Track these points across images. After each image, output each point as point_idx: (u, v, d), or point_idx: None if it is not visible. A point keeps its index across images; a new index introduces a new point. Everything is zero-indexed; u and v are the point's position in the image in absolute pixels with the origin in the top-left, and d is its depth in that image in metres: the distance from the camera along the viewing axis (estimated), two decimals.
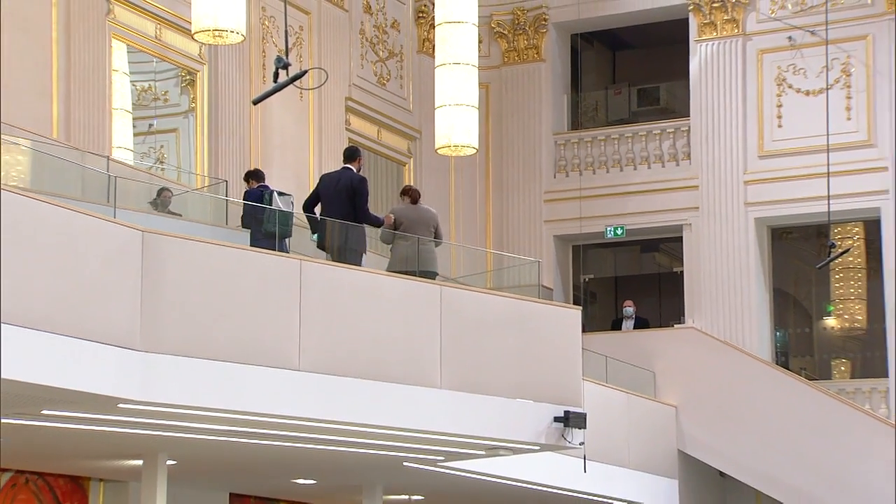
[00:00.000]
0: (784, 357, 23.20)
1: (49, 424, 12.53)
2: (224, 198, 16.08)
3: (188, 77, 18.99)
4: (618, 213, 23.37)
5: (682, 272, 23.15)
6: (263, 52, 19.49)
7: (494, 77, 23.93)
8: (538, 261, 20.36)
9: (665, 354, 21.56)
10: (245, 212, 15.56)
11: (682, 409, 21.06)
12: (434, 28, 18.77)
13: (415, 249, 15.40)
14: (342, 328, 13.47)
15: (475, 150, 18.45)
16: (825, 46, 21.24)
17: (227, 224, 15.89)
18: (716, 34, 22.92)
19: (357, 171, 15.16)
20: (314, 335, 13.19)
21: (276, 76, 13.02)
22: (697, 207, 22.84)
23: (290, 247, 14.96)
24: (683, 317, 22.82)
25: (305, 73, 13.68)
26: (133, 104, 18.46)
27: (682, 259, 23.18)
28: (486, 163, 23.97)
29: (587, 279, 24.83)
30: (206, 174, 18.39)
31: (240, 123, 19.22)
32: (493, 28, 24.07)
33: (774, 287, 22.98)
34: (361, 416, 13.52)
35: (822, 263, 21.42)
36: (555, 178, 24.01)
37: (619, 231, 23.35)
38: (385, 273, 14.62)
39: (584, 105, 25.15)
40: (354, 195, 15.16)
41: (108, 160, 16.23)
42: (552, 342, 15.27)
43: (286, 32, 14.54)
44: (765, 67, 22.63)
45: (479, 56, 18.56)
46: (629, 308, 22.81)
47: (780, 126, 22.43)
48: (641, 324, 22.74)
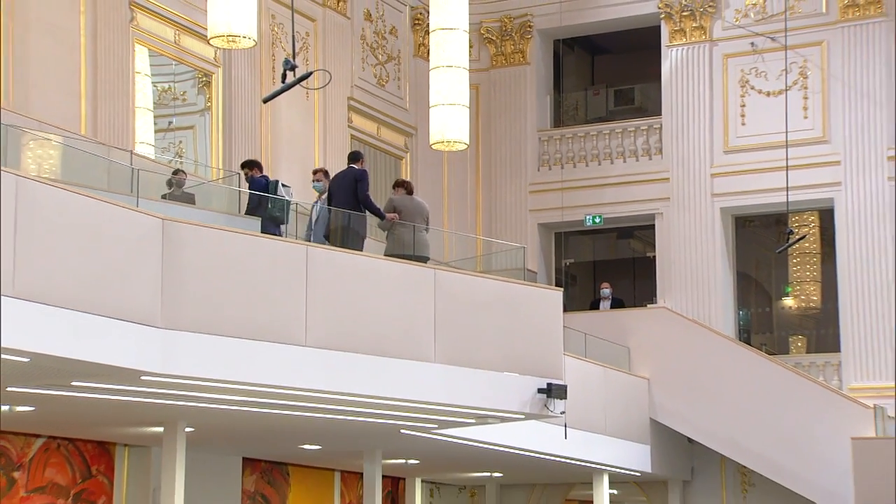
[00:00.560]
0: (746, 334, 23.24)
1: (78, 395, 12.54)
2: (237, 188, 16.04)
3: (204, 79, 18.97)
4: (596, 203, 23.37)
5: (655, 257, 23.17)
6: (273, 56, 19.47)
7: (484, 79, 23.92)
8: (523, 247, 20.40)
9: (638, 332, 21.58)
10: (257, 198, 15.59)
11: (654, 382, 21.09)
12: (429, 34, 18.76)
13: (411, 236, 15.42)
14: (344, 308, 13.49)
15: (466, 146, 18.44)
16: (784, 52, 21.25)
17: (240, 213, 15.88)
18: (685, 40, 22.92)
19: None
20: (319, 314, 13.20)
21: (284, 77, 13.02)
22: (668, 198, 22.85)
23: (287, 232, 15.09)
24: (655, 297, 22.84)
25: (311, 75, 13.68)
26: (154, 103, 18.44)
27: (655, 245, 23.19)
28: (476, 157, 23.97)
29: (568, 263, 24.84)
30: (221, 167, 18.38)
31: (251, 121, 19.21)
32: (483, 34, 24.06)
33: (738, 270, 23.01)
34: (362, 388, 13.54)
35: (781, 249, 21.47)
36: (539, 171, 24.02)
37: (598, 219, 23.36)
38: (384, 257, 14.66)
39: (566, 104, 25.14)
40: (356, 185, 15.25)
41: (132, 154, 16.23)
42: (536, 321, 15.30)
43: (293, 38, 14.56)
44: (730, 70, 22.63)
45: (470, 60, 18.53)
46: (606, 289, 22.84)
47: (744, 124, 22.44)
48: (617, 304, 22.77)
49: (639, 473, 20.80)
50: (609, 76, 25.67)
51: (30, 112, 15.21)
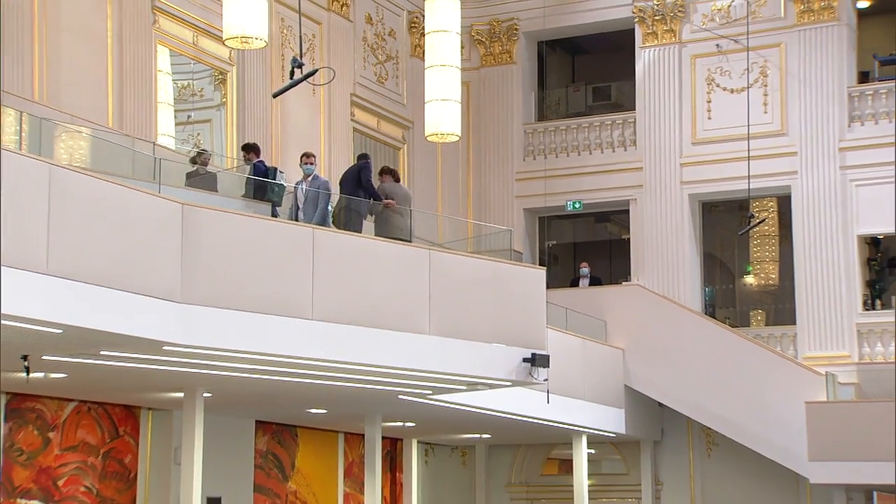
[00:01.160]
0: (712, 308, 23.26)
1: (106, 363, 12.56)
2: (251, 176, 16.02)
3: (220, 76, 18.93)
4: (576, 190, 23.36)
5: (629, 239, 23.15)
6: (282, 56, 19.44)
7: (474, 77, 23.88)
8: (510, 229, 20.44)
9: (614, 307, 21.60)
10: (257, 182, 15.61)
11: (628, 352, 21.13)
12: (424, 36, 18.75)
13: (399, 219, 15.44)
14: (347, 284, 13.50)
15: (458, 138, 18.45)
16: (746, 52, 21.23)
17: (247, 195, 15.86)
18: (657, 42, 22.90)
19: None
20: (324, 290, 13.21)
21: (293, 74, 13.03)
22: (641, 185, 22.84)
23: (281, 214, 15.12)
24: (630, 276, 22.82)
25: (316, 72, 13.71)
26: (174, 99, 18.40)
27: (629, 228, 23.17)
28: (467, 148, 23.94)
29: (550, 245, 24.83)
30: (235, 157, 18.33)
31: (263, 115, 19.19)
32: (473, 36, 24.02)
33: (704, 251, 23.02)
34: (363, 357, 13.56)
35: (743, 231, 21.50)
36: (524, 161, 24.00)
37: (577, 205, 23.34)
38: (383, 239, 14.65)
39: (549, 100, 25.11)
40: (360, 172, 15.30)
41: (154, 145, 16.21)
42: (521, 297, 15.31)
43: (301, 39, 14.55)
44: (697, 70, 22.61)
45: (462, 59, 18.53)
46: (585, 269, 22.84)
47: (710, 118, 22.42)
48: (595, 282, 22.76)
49: (614, 435, 20.85)
50: (588, 74, 25.64)
51: (61, 106, 15.19)
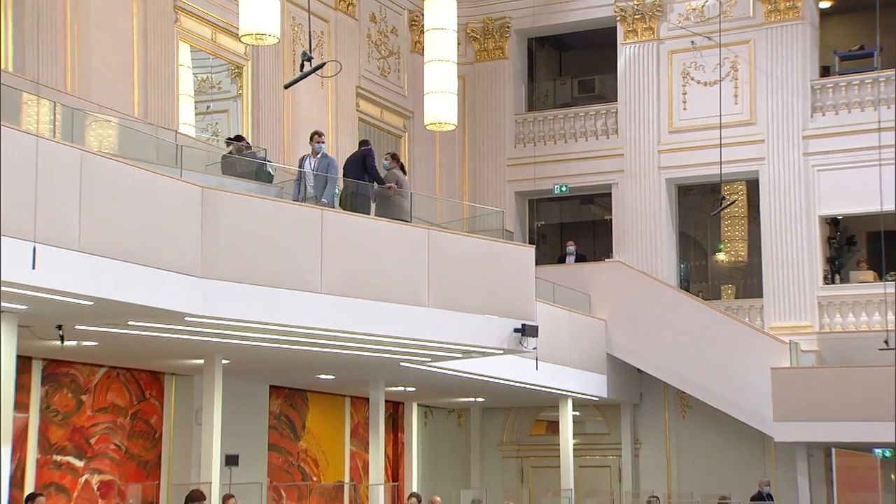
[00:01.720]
0: (686, 283, 23.28)
1: (133, 332, 12.60)
2: (264, 160, 16.02)
3: (236, 70, 18.90)
4: (563, 175, 23.33)
5: (611, 219, 23.13)
6: (293, 51, 19.39)
7: (469, 71, 23.83)
8: (502, 211, 20.39)
9: (597, 281, 21.63)
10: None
11: (610, 323, 21.17)
12: (423, 33, 18.67)
13: (401, 201, 15.42)
14: (353, 261, 13.52)
15: (454, 126, 18.37)
16: (719, 49, 21.19)
17: (265, 181, 15.86)
18: (637, 39, 22.85)
19: None
20: (332, 266, 13.24)
21: (303, 67, 13.03)
22: (623, 170, 22.82)
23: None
24: (612, 253, 22.81)
25: (324, 65, 13.69)
26: (194, 91, 18.35)
27: (611, 209, 23.17)
28: (463, 136, 23.90)
29: (539, 225, 24.82)
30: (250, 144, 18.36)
31: (275, 105, 19.16)
32: (469, 33, 23.95)
33: (679, 230, 23.01)
34: (368, 328, 13.59)
35: (715, 212, 21.48)
36: (515, 148, 23.96)
37: (564, 188, 23.32)
38: (386, 220, 14.65)
39: (538, 92, 25.06)
40: (364, 159, 15.28)
41: (176, 133, 16.18)
42: (512, 272, 15.33)
43: (310, 36, 14.53)
44: (673, 64, 22.56)
45: (458, 55, 18.44)
46: (571, 247, 22.85)
47: (685, 108, 22.38)
48: (580, 259, 22.74)
49: (597, 398, 20.89)
50: (574, 69, 25.58)
51: (91, 98, 15.17)
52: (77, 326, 12.19)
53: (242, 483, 15.27)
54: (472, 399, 21.43)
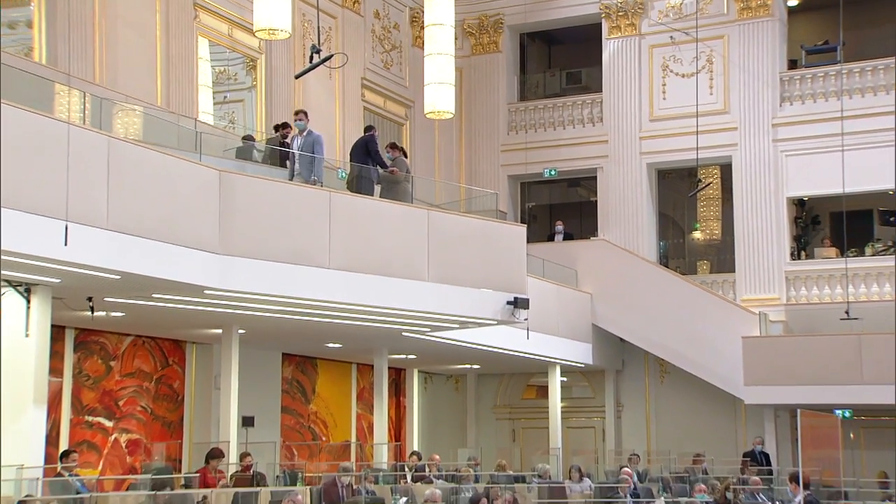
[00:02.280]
0: (665, 259, 23.29)
1: (157, 304, 12.63)
2: (277, 147, 16.00)
3: (251, 62, 18.86)
4: (552, 160, 23.32)
5: (596, 201, 23.13)
6: (303, 45, 19.35)
7: (466, 63, 23.78)
8: (496, 193, 20.38)
9: (584, 258, 21.64)
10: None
11: (596, 296, 21.19)
12: (423, 29, 18.63)
13: (406, 186, 15.44)
14: (359, 239, 13.54)
15: (452, 115, 18.36)
16: (695, 43, 21.12)
17: (279, 165, 15.86)
18: (620, 34, 22.79)
19: None
20: (339, 244, 13.26)
21: (312, 59, 13.00)
22: (607, 156, 22.79)
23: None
24: (597, 232, 22.82)
25: (332, 57, 13.70)
26: (212, 82, 18.34)
27: (597, 191, 23.17)
28: (460, 124, 23.87)
29: (530, 206, 24.80)
30: (264, 131, 18.32)
31: (287, 95, 19.14)
32: (465, 29, 23.89)
33: (659, 211, 23.01)
34: (372, 300, 13.62)
35: (692, 194, 21.42)
36: (508, 135, 23.93)
37: (553, 172, 23.29)
38: (389, 201, 14.66)
39: (529, 84, 25.00)
40: (367, 144, 15.26)
41: (196, 121, 16.18)
42: (505, 249, 15.35)
43: (319, 31, 14.51)
44: (654, 58, 22.51)
45: (455, 49, 18.43)
46: (559, 226, 22.85)
47: (665, 99, 22.34)
48: (568, 237, 22.73)
49: (583, 365, 20.93)
50: (562, 61, 25.53)
51: (117, 88, 15.16)
52: (106, 298, 12.23)
53: (258, 442, 15.33)
54: (468, 366, 21.49)
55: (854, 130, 20.21)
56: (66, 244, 9.98)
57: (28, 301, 10.93)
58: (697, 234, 24.11)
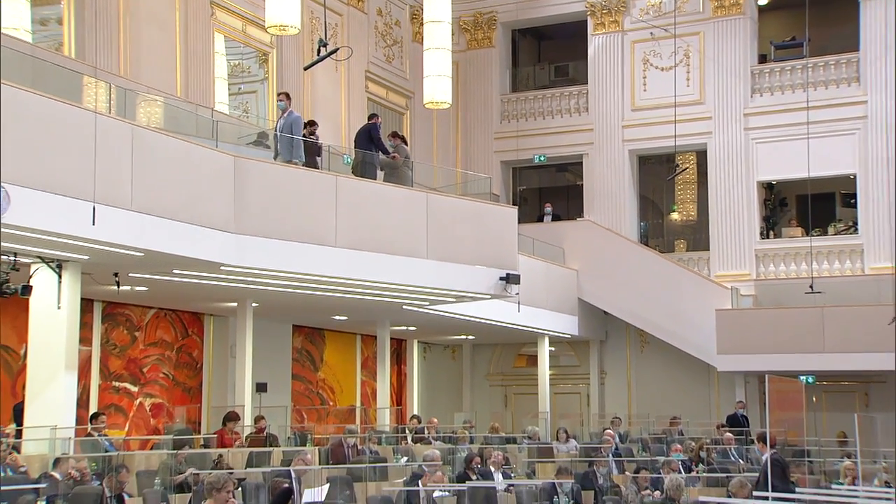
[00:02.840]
0: (645, 238, 23.31)
1: (177, 280, 12.69)
2: (289, 135, 15.99)
3: (263, 56, 18.83)
4: (541, 146, 23.30)
5: (582, 184, 23.17)
6: (312, 41, 19.23)
7: (462, 57, 23.72)
8: (490, 177, 20.43)
9: (570, 237, 21.68)
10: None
11: (581, 272, 21.24)
12: (423, 25, 18.60)
13: (406, 171, 15.44)
14: (363, 219, 13.58)
15: (449, 105, 18.33)
16: (674, 39, 21.13)
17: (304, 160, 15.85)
18: (604, 30, 22.75)
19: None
20: (345, 224, 13.30)
21: (319, 52, 13.01)
22: (592, 143, 22.79)
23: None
24: (583, 213, 22.88)
25: (338, 50, 13.68)
26: (228, 74, 18.31)
27: (583, 176, 23.20)
28: (457, 113, 23.83)
29: (521, 189, 24.83)
30: (275, 119, 18.33)
31: (296, 87, 19.12)
32: (461, 25, 23.84)
33: (640, 194, 23.04)
34: (375, 276, 13.68)
35: (670, 178, 21.52)
36: (501, 124, 23.92)
37: (542, 158, 23.29)
38: (391, 185, 14.69)
39: (520, 76, 24.96)
40: (371, 132, 15.26)
41: (212, 111, 16.18)
42: (498, 229, 15.40)
43: (326, 27, 14.50)
44: (636, 52, 22.47)
45: (452, 44, 18.40)
46: (548, 208, 22.85)
47: (645, 90, 22.33)
48: (556, 218, 22.72)
49: (569, 336, 20.98)
50: (551, 56, 25.48)
51: (140, 80, 15.16)
52: (130, 274, 12.28)
53: (270, 406, 15.40)
54: (464, 337, 21.57)
55: (819, 120, 20.24)
56: (94, 224, 10.03)
57: (59, 276, 10.98)
58: (675, 215, 24.15)
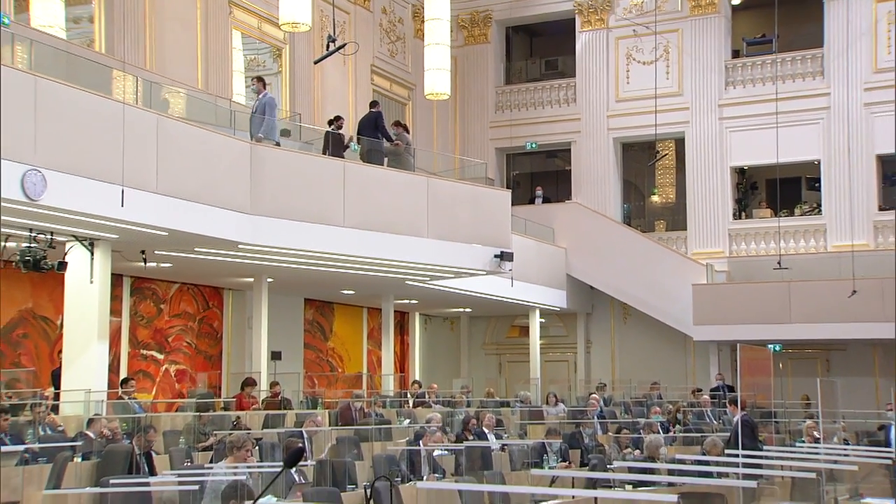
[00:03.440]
0: (628, 219, 23.36)
1: (198, 257, 12.73)
2: (299, 124, 16.02)
3: (277, 52, 18.81)
4: (533, 134, 23.31)
5: (570, 169, 23.19)
6: (322, 37, 19.23)
7: (460, 52, 23.68)
8: (485, 163, 20.41)
9: (559, 218, 21.70)
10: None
11: (570, 250, 21.29)
12: (424, 23, 18.57)
13: (408, 157, 15.44)
14: (369, 201, 13.61)
15: (448, 96, 18.34)
16: (654, 35, 21.09)
17: (301, 139, 15.86)
18: (591, 27, 22.70)
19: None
20: (353, 205, 13.33)
21: (328, 47, 13.01)
22: (580, 131, 22.80)
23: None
24: (571, 196, 22.89)
25: (345, 45, 13.66)
26: (244, 68, 18.31)
27: (571, 161, 23.21)
28: (455, 104, 23.80)
29: (514, 174, 24.82)
30: (288, 110, 18.32)
31: (308, 79, 19.12)
32: (459, 23, 23.77)
33: (623, 178, 23.08)
34: (381, 253, 13.73)
35: (651, 163, 21.50)
36: (495, 114, 23.89)
37: (534, 145, 23.31)
38: (395, 169, 14.70)
39: (513, 70, 24.91)
40: (376, 120, 15.24)
41: (230, 102, 16.19)
42: (493, 210, 15.43)
43: (334, 24, 14.47)
44: (620, 48, 22.44)
45: (451, 40, 18.37)
46: (539, 191, 22.89)
47: (628, 83, 22.31)
48: (546, 200, 22.77)
49: (558, 308, 21.05)
50: (542, 51, 25.43)
51: (165, 73, 15.16)
52: (156, 251, 12.33)
53: (284, 373, 15.48)
54: (462, 309, 21.59)
55: (786, 110, 20.26)
56: (123, 205, 10.08)
57: (91, 253, 11.04)
58: (655, 198, 24.18)
